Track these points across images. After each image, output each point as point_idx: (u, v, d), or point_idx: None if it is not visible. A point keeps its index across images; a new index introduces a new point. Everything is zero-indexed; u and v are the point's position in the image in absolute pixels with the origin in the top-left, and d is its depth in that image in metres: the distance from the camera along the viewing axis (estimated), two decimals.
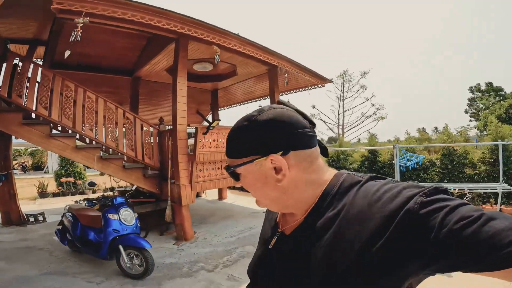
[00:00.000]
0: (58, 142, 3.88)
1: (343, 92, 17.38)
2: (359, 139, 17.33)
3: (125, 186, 9.77)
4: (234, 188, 9.65)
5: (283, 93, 7.48)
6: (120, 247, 3.34)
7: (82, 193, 9.64)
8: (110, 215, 3.42)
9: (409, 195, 0.48)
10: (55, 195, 9.40)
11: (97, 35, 5.22)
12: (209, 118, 9.01)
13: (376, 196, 0.52)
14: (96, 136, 4.25)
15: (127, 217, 3.49)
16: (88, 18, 3.03)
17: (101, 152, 4.52)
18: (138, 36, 5.67)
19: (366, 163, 7.74)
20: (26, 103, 3.74)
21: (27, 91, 3.89)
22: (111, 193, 8.74)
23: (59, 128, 4.83)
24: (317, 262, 0.54)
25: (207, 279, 3.47)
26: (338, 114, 18.81)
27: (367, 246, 0.48)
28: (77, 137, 4.31)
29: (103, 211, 3.51)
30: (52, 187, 9.82)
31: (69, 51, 3.59)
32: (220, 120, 4.20)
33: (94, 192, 9.96)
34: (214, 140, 4.61)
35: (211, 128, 4.23)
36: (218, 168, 4.94)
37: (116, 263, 3.45)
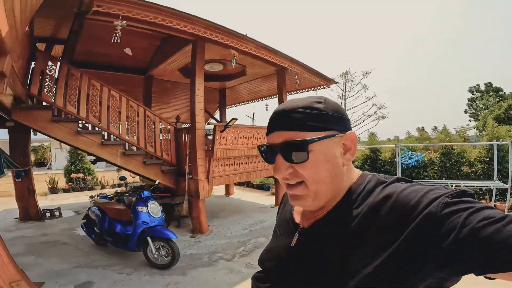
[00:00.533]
0: (85, 139, 4.09)
1: (345, 92, 17.68)
2: (359, 137, 17.71)
3: (132, 182, 9.95)
4: (239, 184, 9.92)
5: (290, 93, 7.75)
6: (149, 238, 3.51)
7: (91, 188, 9.79)
8: (140, 208, 3.60)
9: (434, 196, 0.48)
10: (65, 190, 9.54)
11: (111, 35, 5.40)
12: (216, 115, 9.24)
13: (401, 196, 0.52)
14: (119, 133, 4.45)
15: (154, 209, 3.69)
16: (126, 22, 3.23)
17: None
18: (153, 36, 5.85)
19: (368, 161, 8.07)
20: (55, 101, 3.93)
21: (53, 89, 4.07)
22: (124, 189, 8.92)
23: (80, 125, 5.03)
24: (335, 258, 0.54)
25: (227, 267, 3.71)
26: None
27: (389, 244, 0.48)
28: None
29: (132, 204, 3.70)
30: (61, 183, 9.94)
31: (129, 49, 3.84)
32: (237, 119, 4.43)
33: (102, 187, 10.14)
34: (229, 138, 4.86)
35: (229, 126, 4.47)
36: (232, 164, 5.19)
37: (144, 254, 3.62)
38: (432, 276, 0.47)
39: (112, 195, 6.42)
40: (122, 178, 3.69)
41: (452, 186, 5.94)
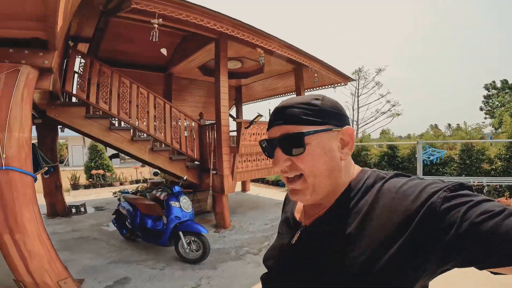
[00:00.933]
0: (116, 135, 4.20)
1: (358, 89, 17.61)
2: (369, 135, 17.66)
3: (149, 179, 10.07)
4: (254, 181, 10.00)
5: (308, 90, 7.77)
6: (180, 233, 3.57)
7: (110, 185, 9.98)
8: (172, 203, 3.66)
9: (433, 190, 0.48)
10: (86, 187, 9.72)
11: (136, 33, 5.47)
12: (232, 112, 9.32)
13: (400, 191, 0.53)
14: (147, 129, 4.56)
15: (185, 204, 3.75)
16: (161, 19, 3.30)
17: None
18: (173, 34, 5.90)
19: (385, 158, 8.06)
20: (88, 97, 4.04)
21: (86, 86, 4.15)
22: (145, 185, 9.05)
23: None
24: (337, 256, 0.54)
25: (255, 261, 3.78)
26: (353, 110, 19.13)
27: (389, 240, 0.49)
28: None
29: (165, 199, 3.76)
30: (81, 179, 10.11)
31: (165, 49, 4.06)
32: (262, 116, 4.49)
33: (121, 183, 10.33)
34: (253, 134, 4.93)
35: (254, 123, 4.53)
36: (254, 160, 5.27)
37: (175, 249, 3.67)
38: (431, 270, 0.48)
39: (133, 191, 6.56)
40: (156, 173, 3.77)
41: (473, 182, 5.96)
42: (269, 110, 11.64)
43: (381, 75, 16.98)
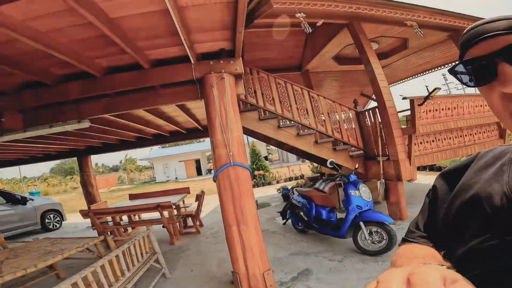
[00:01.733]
0: (285, 132, 4.57)
1: None
2: None
3: (302, 175, 10.58)
4: (420, 169, 8.66)
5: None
6: (361, 223, 3.35)
7: (269, 183, 11.32)
8: (352, 192, 3.50)
9: None
10: (252, 186, 11.30)
11: (267, 39, 5.79)
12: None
13: None
14: (309, 123, 4.73)
15: (365, 192, 3.52)
16: (304, 13, 3.33)
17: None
18: (297, 33, 5.81)
19: None
20: (257, 102, 4.60)
21: (253, 91, 4.70)
22: (302, 181, 9.62)
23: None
24: None
25: None
26: None
27: None
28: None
29: (343, 187, 3.65)
30: None
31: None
32: (440, 89, 3.72)
33: (277, 182, 11.44)
34: (430, 111, 4.18)
35: (429, 98, 3.80)
36: (433, 141, 4.45)
37: (353, 240, 3.48)
38: None
39: (293, 186, 6.98)
40: (332, 163, 3.78)
41: None
42: (426, 86, 10.03)
43: None
